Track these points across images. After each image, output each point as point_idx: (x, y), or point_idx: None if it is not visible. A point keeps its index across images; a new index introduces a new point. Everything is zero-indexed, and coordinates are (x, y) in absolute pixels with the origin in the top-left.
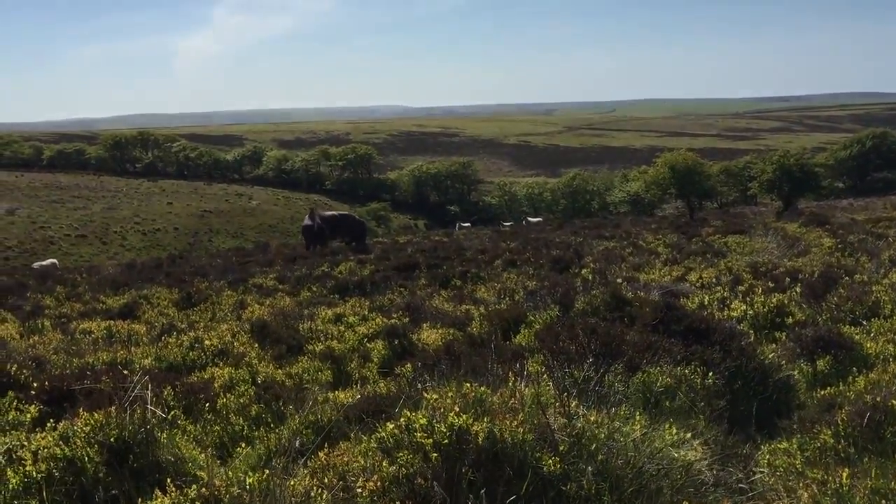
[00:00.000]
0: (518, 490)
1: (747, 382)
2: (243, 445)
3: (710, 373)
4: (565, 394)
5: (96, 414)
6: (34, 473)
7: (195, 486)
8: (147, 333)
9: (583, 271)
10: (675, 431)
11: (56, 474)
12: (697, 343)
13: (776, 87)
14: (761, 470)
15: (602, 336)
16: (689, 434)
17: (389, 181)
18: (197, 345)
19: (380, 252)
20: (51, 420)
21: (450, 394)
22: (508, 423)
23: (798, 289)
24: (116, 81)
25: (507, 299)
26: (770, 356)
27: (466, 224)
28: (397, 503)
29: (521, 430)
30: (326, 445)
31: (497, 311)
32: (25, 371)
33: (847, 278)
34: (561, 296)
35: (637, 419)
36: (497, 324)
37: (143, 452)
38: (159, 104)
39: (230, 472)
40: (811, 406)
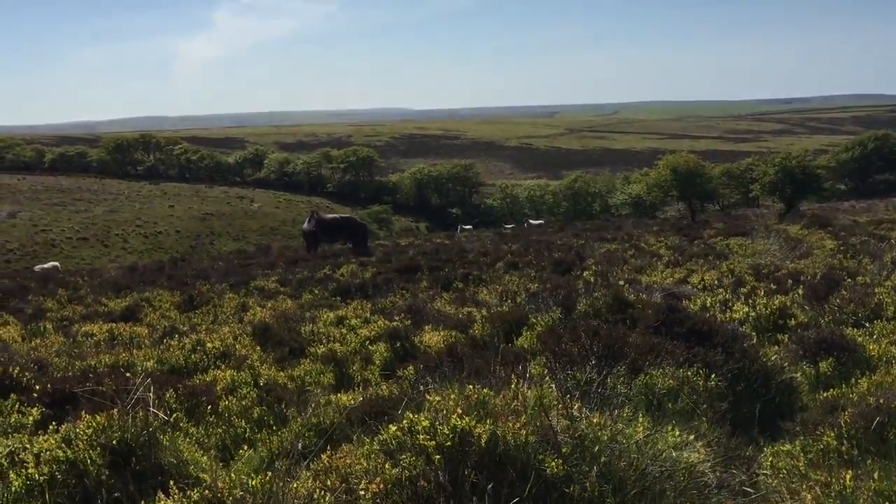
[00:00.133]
0: (521, 492)
1: (750, 384)
2: (245, 448)
3: (713, 375)
4: (568, 396)
5: (98, 416)
6: (36, 476)
7: (198, 489)
8: (149, 336)
9: (585, 273)
10: (678, 433)
11: (58, 477)
12: (700, 345)
13: (778, 89)
14: (764, 472)
15: (604, 338)
16: (692, 436)
17: (391, 184)
18: (199, 347)
19: (381, 254)
20: (53, 422)
21: (452, 396)
22: (511, 426)
23: (800, 291)
24: (118, 84)
25: (509, 301)
26: (772, 358)
27: (468, 226)
28: None
29: (524, 433)
30: (329, 448)
31: (499, 314)
32: (28, 374)
33: (849, 280)
34: (563, 298)
35: (640, 421)
36: (499, 326)
37: (146, 455)
38: (161, 107)
39: (233, 475)
40: (814, 408)
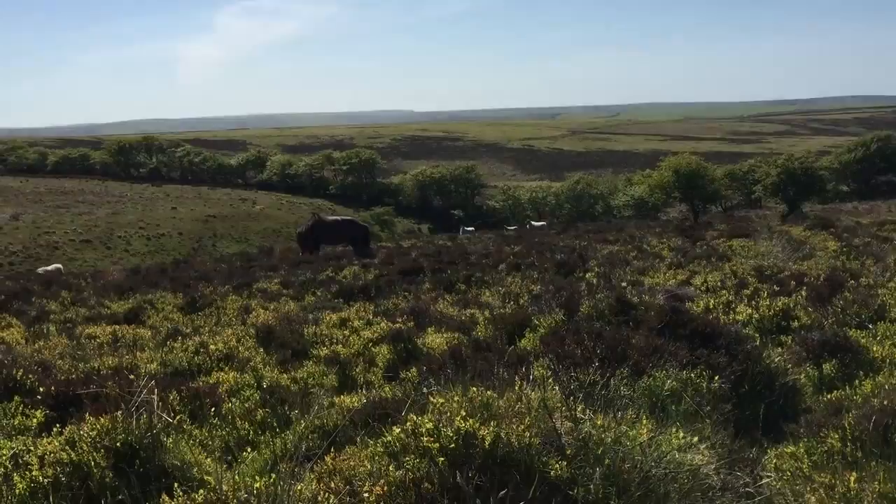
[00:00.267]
0: (525, 494)
1: (753, 386)
2: (249, 450)
3: (716, 377)
4: (571, 398)
5: (102, 418)
6: (41, 478)
7: (202, 491)
8: (152, 338)
9: (587, 275)
10: (682, 436)
11: (62, 479)
12: (703, 347)
13: (780, 91)
14: (768, 474)
15: (607, 340)
16: (696, 438)
17: (393, 185)
18: (202, 349)
19: (384, 256)
20: (57, 425)
21: (456, 398)
22: (515, 428)
23: (803, 292)
24: (121, 87)
25: (512, 303)
26: (776, 360)
27: (470, 228)
28: None
29: (528, 435)
30: (332, 450)
31: (502, 316)
32: (31, 376)
33: (852, 282)
34: (566, 300)
35: (643, 423)
36: (502, 328)
37: (150, 457)
38: (163, 109)
39: (237, 477)
40: (818, 410)
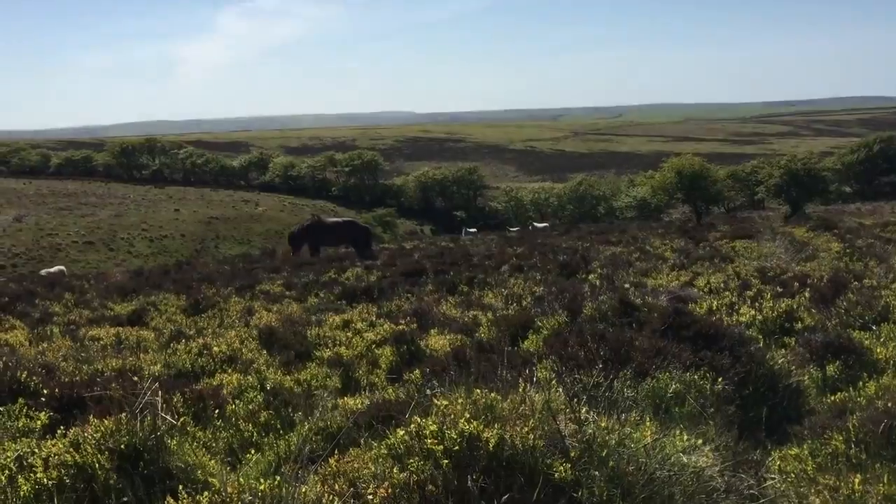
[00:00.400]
0: (529, 497)
1: (757, 388)
2: (253, 452)
3: (720, 378)
4: (575, 400)
5: (106, 420)
6: (45, 480)
7: (207, 493)
8: (156, 340)
9: (590, 277)
10: (686, 437)
11: (67, 481)
12: (706, 349)
13: (783, 92)
14: (772, 476)
15: (611, 342)
16: (700, 440)
17: (395, 187)
18: (205, 351)
19: (386, 258)
20: (61, 427)
21: (460, 400)
22: (519, 430)
23: (807, 294)
24: (122, 88)
25: (515, 305)
26: (779, 362)
27: (473, 230)
28: None
29: (532, 437)
30: (336, 452)
31: (505, 317)
32: (35, 378)
33: (856, 283)
34: (569, 301)
35: (647, 425)
36: (505, 330)
37: (154, 459)
38: (165, 110)
39: (242, 479)
40: (822, 412)
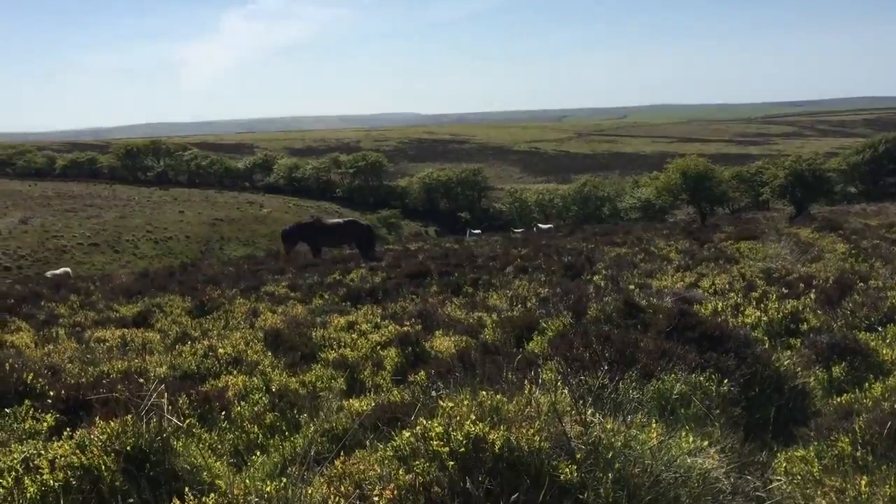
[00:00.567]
0: (535, 498)
1: (763, 389)
2: (258, 454)
3: (726, 380)
4: (581, 401)
5: (113, 422)
6: (51, 482)
7: (213, 495)
8: (161, 342)
9: (595, 278)
10: (692, 439)
11: (73, 483)
12: (712, 350)
13: (788, 92)
14: (778, 478)
15: (616, 343)
16: (706, 442)
17: (400, 188)
18: (211, 353)
19: (391, 259)
20: (67, 429)
21: (465, 402)
22: (525, 432)
23: (812, 295)
24: (127, 90)
25: (520, 306)
26: (785, 363)
27: (477, 231)
28: None
29: (538, 439)
30: (342, 454)
31: (509, 319)
32: (41, 380)
33: (861, 284)
34: (573, 303)
35: (653, 427)
36: (510, 331)
37: (160, 461)
38: (170, 112)
39: (248, 481)
40: (828, 413)
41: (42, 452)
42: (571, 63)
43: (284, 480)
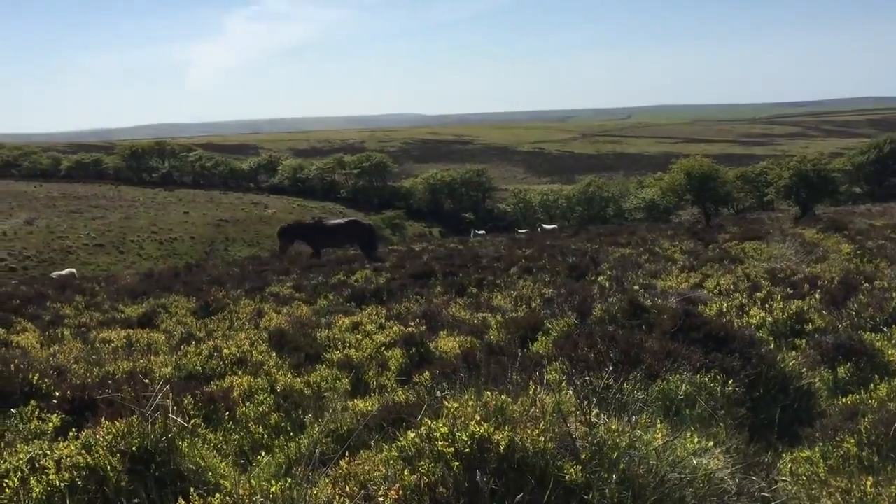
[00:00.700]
0: (540, 499)
1: (768, 390)
2: (263, 454)
3: (731, 380)
4: (585, 402)
5: (118, 423)
6: (57, 482)
7: (219, 495)
8: (166, 342)
9: (599, 278)
10: (697, 440)
11: (79, 483)
12: (717, 350)
13: (792, 92)
14: (784, 478)
15: (621, 344)
16: (711, 442)
17: (404, 189)
18: (216, 353)
19: (395, 260)
20: (73, 429)
21: (470, 402)
22: (530, 432)
23: (817, 295)
24: (132, 91)
25: (524, 307)
26: (790, 364)
27: (481, 231)
28: None
29: (543, 439)
30: (347, 454)
31: (514, 319)
32: (47, 380)
33: (867, 284)
34: (578, 303)
35: (658, 427)
36: (514, 332)
37: (165, 461)
38: (175, 113)
39: (253, 481)
40: (833, 414)
41: (48, 453)
42: (575, 63)
43: (289, 481)
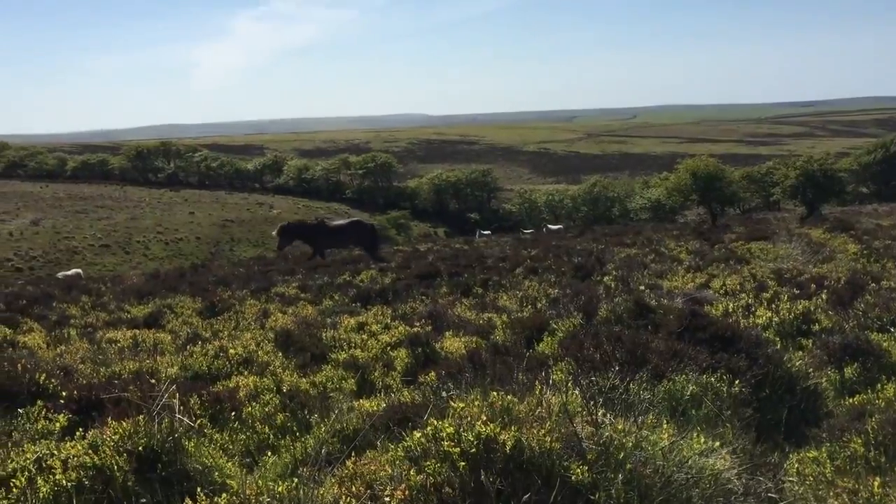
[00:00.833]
0: (546, 499)
1: (774, 390)
2: (270, 454)
3: (737, 381)
4: (591, 402)
5: (125, 423)
6: (64, 482)
7: (225, 495)
8: (172, 342)
9: (605, 279)
10: (703, 440)
11: (86, 483)
12: (723, 351)
13: (798, 92)
14: (790, 479)
15: (627, 344)
16: (717, 443)
17: (409, 189)
18: (222, 354)
19: (401, 260)
20: (80, 429)
21: (476, 402)
22: (536, 432)
23: (824, 295)
24: (138, 92)
25: (530, 307)
26: (797, 364)
27: (486, 232)
28: None
29: (549, 439)
30: (353, 454)
31: (520, 319)
32: (54, 380)
33: (873, 284)
34: (584, 303)
35: (664, 428)
36: (520, 332)
37: (172, 461)
38: (180, 114)
39: (259, 481)
40: (840, 414)
41: (55, 452)
42: (580, 64)
43: (296, 481)
